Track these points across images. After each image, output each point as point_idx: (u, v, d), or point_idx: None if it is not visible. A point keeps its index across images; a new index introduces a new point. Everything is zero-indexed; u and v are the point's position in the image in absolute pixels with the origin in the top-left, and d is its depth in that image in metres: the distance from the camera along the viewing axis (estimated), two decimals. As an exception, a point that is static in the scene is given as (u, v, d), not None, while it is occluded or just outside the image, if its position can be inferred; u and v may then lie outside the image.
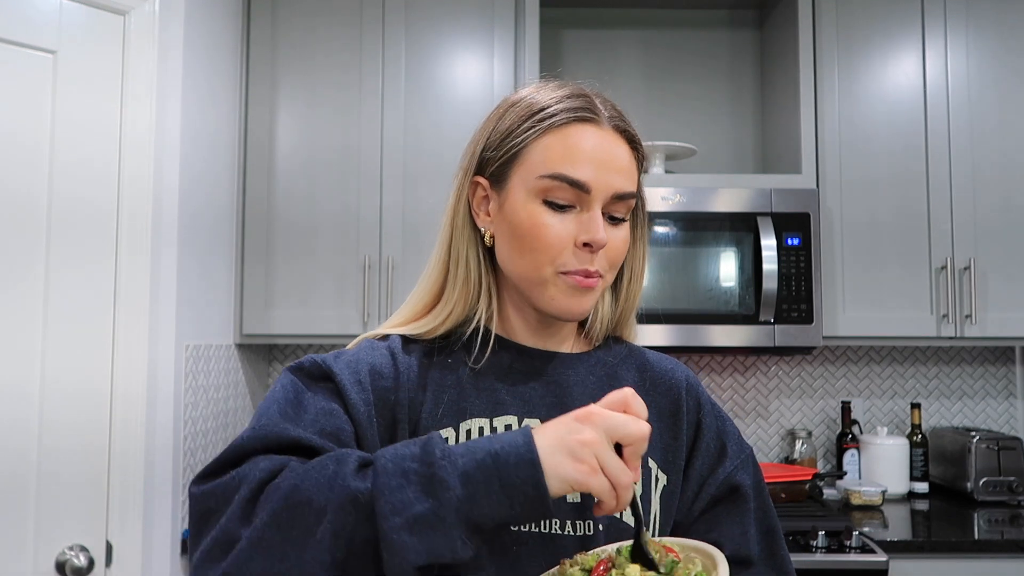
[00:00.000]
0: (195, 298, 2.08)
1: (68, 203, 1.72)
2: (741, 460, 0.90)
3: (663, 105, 2.76)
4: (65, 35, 1.72)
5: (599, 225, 0.80)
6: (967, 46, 2.42)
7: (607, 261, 0.83)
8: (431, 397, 0.84)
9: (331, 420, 0.77)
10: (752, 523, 0.88)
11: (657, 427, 0.88)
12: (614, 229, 0.83)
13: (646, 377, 0.92)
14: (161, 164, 1.90)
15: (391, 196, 2.35)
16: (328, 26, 2.39)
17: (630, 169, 0.83)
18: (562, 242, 0.81)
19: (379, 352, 0.86)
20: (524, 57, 2.37)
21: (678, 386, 0.92)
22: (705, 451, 0.89)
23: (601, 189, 0.81)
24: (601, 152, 0.81)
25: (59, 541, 1.68)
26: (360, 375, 0.82)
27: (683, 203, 2.31)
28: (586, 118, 0.82)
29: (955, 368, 2.73)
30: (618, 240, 0.84)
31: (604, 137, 0.82)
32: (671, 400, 0.91)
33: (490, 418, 0.83)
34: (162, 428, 1.91)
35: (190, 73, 2.04)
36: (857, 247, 2.39)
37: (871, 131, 2.41)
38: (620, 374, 0.91)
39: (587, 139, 0.81)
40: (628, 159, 0.84)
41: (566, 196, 0.81)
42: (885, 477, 2.47)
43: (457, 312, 0.88)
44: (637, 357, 0.95)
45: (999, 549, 2.01)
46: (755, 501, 0.89)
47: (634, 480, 0.66)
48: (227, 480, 0.70)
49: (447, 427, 0.82)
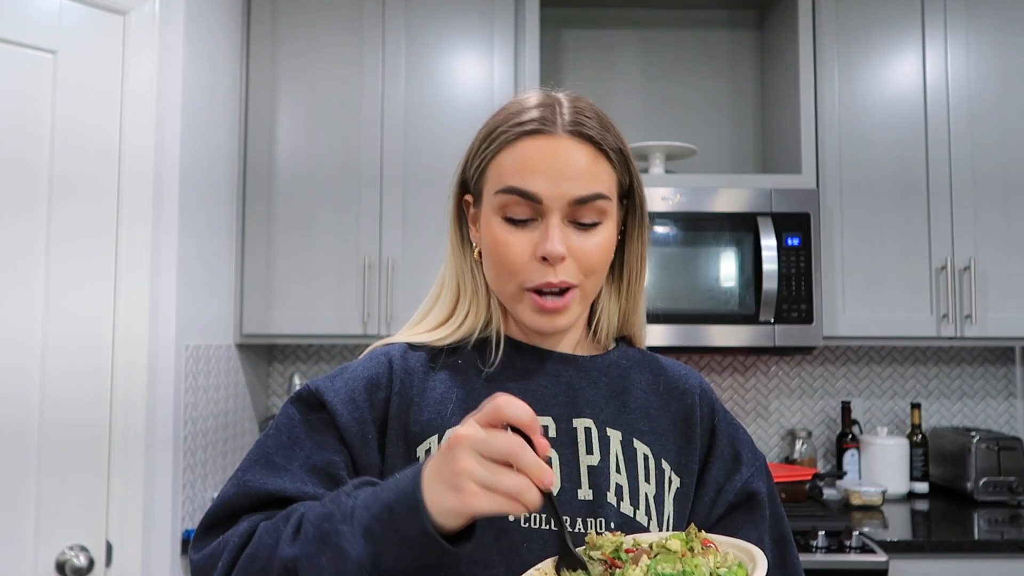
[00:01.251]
0: (195, 298, 2.08)
1: (67, 205, 1.71)
2: (756, 468, 0.91)
3: (663, 105, 2.76)
4: (65, 35, 1.72)
5: (553, 236, 0.80)
6: (967, 46, 2.42)
7: (579, 269, 0.82)
8: (437, 398, 0.85)
9: (321, 454, 0.81)
10: (766, 530, 0.88)
11: (670, 431, 0.89)
12: (584, 235, 0.82)
13: (659, 381, 0.92)
14: (161, 172, 1.90)
15: (391, 196, 2.35)
16: (328, 26, 2.39)
17: (590, 172, 0.82)
18: (522, 257, 0.82)
19: (376, 362, 0.89)
20: (524, 57, 2.37)
21: (691, 392, 0.92)
22: (720, 458, 0.90)
23: (554, 198, 0.81)
24: (553, 160, 0.81)
25: (59, 541, 1.68)
26: (355, 393, 0.85)
27: (683, 203, 2.31)
28: (536, 131, 0.82)
29: (955, 368, 2.73)
30: (589, 245, 0.83)
31: (557, 145, 0.82)
32: (684, 405, 0.91)
33: None
34: (162, 428, 1.90)
35: (190, 73, 2.04)
36: (857, 247, 2.39)
37: (871, 131, 2.41)
38: (632, 378, 0.91)
39: (537, 150, 0.82)
40: (587, 162, 0.82)
41: (523, 210, 0.82)
42: (885, 477, 2.47)
43: (470, 322, 0.90)
44: (651, 362, 0.94)
45: (999, 549, 2.01)
46: (769, 508, 0.90)
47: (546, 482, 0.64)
48: (215, 547, 0.77)
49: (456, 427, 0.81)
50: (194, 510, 2.07)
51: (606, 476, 0.82)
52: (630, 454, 0.85)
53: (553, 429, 0.84)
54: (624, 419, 0.87)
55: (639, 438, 0.86)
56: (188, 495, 2.04)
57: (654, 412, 0.89)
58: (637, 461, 0.85)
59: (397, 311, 2.31)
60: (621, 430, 0.86)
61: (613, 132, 0.86)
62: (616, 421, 0.86)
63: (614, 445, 0.85)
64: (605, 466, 0.83)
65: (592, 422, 0.85)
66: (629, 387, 0.90)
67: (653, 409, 0.89)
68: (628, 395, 0.89)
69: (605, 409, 0.87)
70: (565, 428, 0.84)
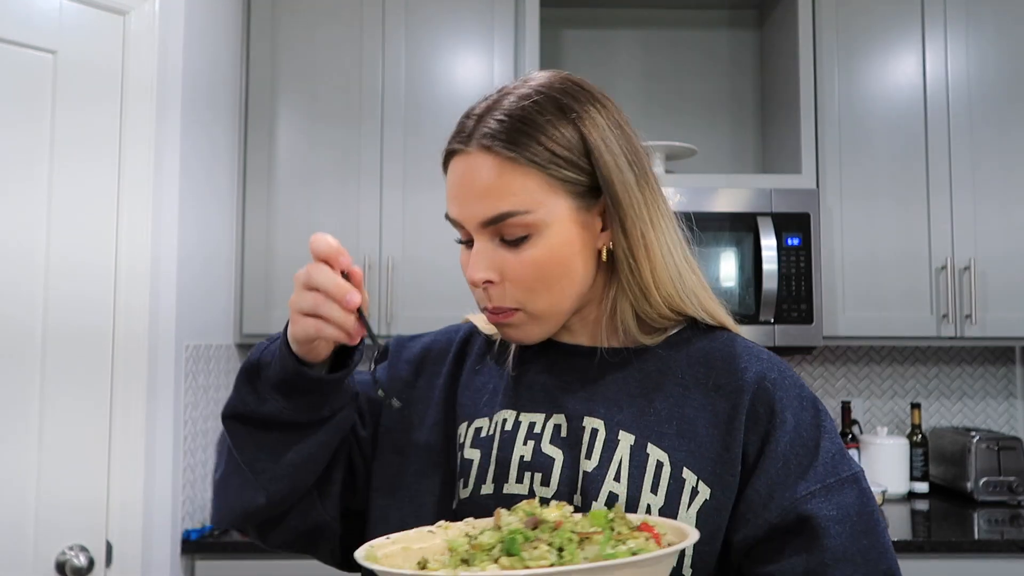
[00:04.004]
0: (195, 298, 2.08)
1: (67, 211, 1.72)
2: (824, 485, 0.75)
3: (663, 105, 2.76)
4: (65, 35, 1.72)
5: (472, 263, 0.79)
6: (967, 46, 2.42)
7: (516, 290, 0.78)
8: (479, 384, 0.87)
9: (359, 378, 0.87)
10: (826, 564, 0.72)
11: (710, 435, 0.78)
12: (513, 253, 0.77)
13: (711, 376, 0.81)
14: (161, 172, 1.90)
15: (391, 197, 2.35)
16: (328, 28, 2.39)
17: (497, 187, 0.76)
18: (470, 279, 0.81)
19: (451, 335, 0.94)
20: (524, 57, 2.37)
21: (742, 389, 0.79)
22: (770, 468, 0.76)
23: (467, 221, 0.79)
24: (462, 182, 0.79)
25: (59, 541, 1.68)
26: (415, 359, 0.92)
27: (683, 203, 2.30)
28: (454, 150, 0.80)
29: (955, 368, 2.73)
30: (519, 265, 0.77)
31: (466, 164, 0.79)
32: (730, 405, 0.79)
33: (518, 412, 0.83)
34: (162, 428, 1.91)
35: (190, 74, 2.04)
36: (857, 247, 2.39)
37: (871, 131, 2.41)
38: (675, 372, 0.82)
39: (453, 173, 0.80)
40: (494, 176, 0.76)
41: (462, 233, 0.81)
42: (885, 477, 2.47)
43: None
44: (714, 351, 0.83)
45: (999, 549, 2.01)
46: (837, 539, 0.73)
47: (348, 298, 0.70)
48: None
49: (485, 417, 0.84)
50: (194, 510, 2.07)
51: (599, 484, 0.77)
52: (639, 460, 0.77)
53: (564, 429, 0.81)
54: (644, 421, 0.79)
55: (657, 442, 0.78)
56: (188, 495, 2.04)
57: (691, 412, 0.79)
58: (647, 468, 0.77)
59: (397, 311, 2.31)
60: (636, 433, 0.79)
61: (546, 131, 0.77)
62: (634, 423, 0.79)
63: (621, 450, 0.78)
64: (601, 473, 0.77)
65: (603, 423, 0.79)
66: (664, 384, 0.81)
67: (691, 408, 0.79)
68: (660, 392, 0.81)
69: (625, 409, 0.80)
70: (575, 427, 0.80)
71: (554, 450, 0.80)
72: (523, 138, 0.77)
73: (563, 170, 0.78)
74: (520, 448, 0.80)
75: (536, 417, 0.82)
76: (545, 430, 0.81)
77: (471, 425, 0.84)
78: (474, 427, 0.84)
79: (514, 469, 0.80)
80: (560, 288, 0.79)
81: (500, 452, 0.81)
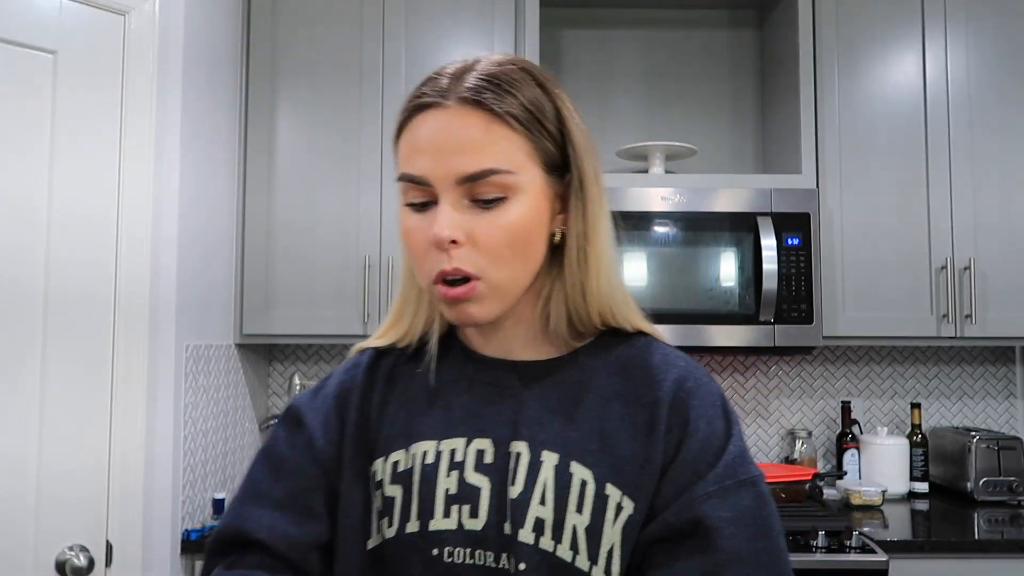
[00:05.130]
0: (195, 298, 2.08)
1: (67, 218, 1.72)
2: (721, 487, 0.73)
3: (663, 105, 2.76)
4: (65, 35, 1.72)
5: (440, 219, 0.73)
6: (967, 46, 2.42)
7: (479, 254, 0.74)
8: (392, 412, 0.82)
9: (300, 481, 0.82)
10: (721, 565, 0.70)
11: (631, 448, 0.76)
12: (485, 214, 0.74)
13: (629, 387, 0.79)
14: (161, 176, 1.90)
15: (391, 197, 2.35)
16: (328, 26, 2.39)
17: (482, 142, 0.73)
18: (422, 245, 0.75)
19: (348, 375, 0.87)
20: (524, 57, 2.36)
21: (660, 400, 0.77)
22: (678, 474, 0.75)
23: (441, 177, 0.73)
24: (439, 136, 0.73)
25: (59, 541, 1.68)
26: (329, 413, 0.84)
27: (683, 203, 2.31)
28: (424, 104, 0.75)
29: (955, 368, 2.73)
30: (490, 226, 0.74)
31: (445, 117, 0.74)
32: (649, 416, 0.77)
33: (438, 440, 0.79)
34: (162, 428, 1.91)
35: (190, 73, 2.04)
36: (857, 247, 2.39)
37: (871, 131, 2.41)
38: (595, 383, 0.80)
39: (424, 127, 0.75)
40: (478, 132, 0.73)
41: (418, 194, 0.76)
42: (885, 477, 2.47)
43: (419, 321, 0.86)
44: (631, 359, 0.82)
45: (999, 549, 2.01)
46: (731, 540, 0.71)
47: None
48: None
49: (400, 448, 0.80)
50: (194, 510, 2.07)
51: (525, 509, 0.74)
52: (563, 481, 0.74)
53: (490, 454, 0.77)
54: (566, 438, 0.76)
55: (580, 460, 0.75)
56: (188, 495, 2.04)
57: (611, 426, 0.77)
58: (571, 488, 0.74)
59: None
60: (559, 451, 0.76)
61: (527, 94, 0.76)
62: (555, 441, 0.76)
63: (545, 471, 0.75)
64: (527, 498, 0.74)
65: (526, 445, 0.76)
66: (585, 397, 0.79)
67: (611, 422, 0.77)
68: (581, 406, 0.78)
69: (547, 427, 0.77)
70: (502, 452, 0.77)
71: (480, 478, 0.76)
72: (509, 97, 0.75)
73: (543, 139, 0.76)
74: (444, 481, 0.76)
75: (457, 443, 0.78)
76: (468, 457, 0.77)
77: (388, 460, 0.80)
78: (391, 462, 0.80)
79: (440, 504, 0.76)
80: (524, 260, 0.76)
81: (423, 487, 0.77)
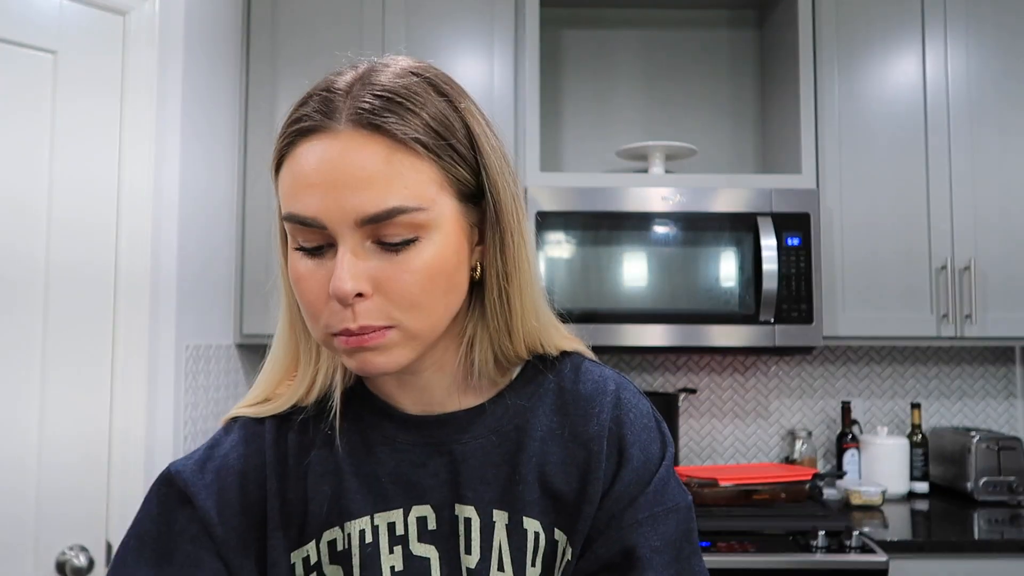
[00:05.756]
0: (195, 298, 2.08)
1: (66, 219, 1.72)
2: (652, 514, 0.70)
3: (663, 105, 2.76)
4: (65, 35, 1.72)
5: (340, 271, 0.61)
6: (967, 46, 2.42)
7: (392, 305, 0.63)
8: (312, 486, 0.72)
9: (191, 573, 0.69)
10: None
11: (572, 489, 0.71)
12: (393, 258, 0.62)
13: (565, 424, 0.73)
14: (161, 176, 1.90)
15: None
16: (328, 27, 2.39)
17: (385, 175, 0.61)
18: (319, 297, 0.63)
19: (253, 447, 0.74)
20: (524, 57, 2.37)
21: (598, 435, 0.72)
22: (612, 503, 0.71)
23: (337, 219, 0.61)
24: (331, 169, 0.61)
25: (59, 541, 1.68)
26: (229, 493, 0.71)
27: (683, 203, 2.31)
28: (311, 128, 0.63)
29: (955, 368, 2.73)
30: (402, 273, 0.62)
31: (338, 146, 0.61)
32: (587, 453, 0.72)
33: (371, 515, 0.70)
34: (162, 428, 1.91)
35: (190, 73, 2.04)
36: (857, 247, 2.39)
37: (871, 131, 2.41)
38: (531, 424, 0.73)
39: (311, 157, 0.62)
40: (380, 161, 0.61)
41: (310, 237, 0.63)
42: (885, 477, 2.47)
43: (321, 375, 0.74)
44: (563, 392, 0.75)
45: (999, 549, 2.01)
46: (658, 572, 0.68)
47: None
48: None
49: (335, 526, 0.70)
50: (194, 510, 2.07)
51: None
52: (518, 540, 0.70)
53: (432, 520, 0.70)
54: (513, 492, 0.71)
55: (529, 513, 0.70)
56: (188, 495, 2.04)
57: (552, 468, 0.72)
58: (527, 544, 0.70)
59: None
60: (508, 509, 0.70)
61: (431, 110, 0.64)
62: (504, 498, 0.71)
63: (499, 533, 0.70)
64: (485, 567, 0.69)
65: (474, 509, 0.70)
66: (524, 442, 0.72)
67: (551, 464, 0.72)
68: (522, 453, 0.72)
69: (492, 484, 0.71)
70: (447, 518, 0.70)
71: (426, 548, 0.70)
72: (412, 117, 0.62)
73: (454, 165, 0.65)
74: (388, 559, 0.69)
75: (394, 516, 0.70)
76: (409, 527, 0.70)
77: (321, 541, 0.71)
78: (325, 541, 0.71)
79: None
80: (444, 304, 0.66)
81: (365, 571, 0.69)
